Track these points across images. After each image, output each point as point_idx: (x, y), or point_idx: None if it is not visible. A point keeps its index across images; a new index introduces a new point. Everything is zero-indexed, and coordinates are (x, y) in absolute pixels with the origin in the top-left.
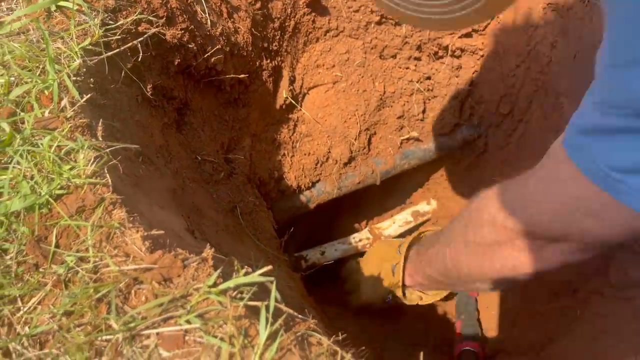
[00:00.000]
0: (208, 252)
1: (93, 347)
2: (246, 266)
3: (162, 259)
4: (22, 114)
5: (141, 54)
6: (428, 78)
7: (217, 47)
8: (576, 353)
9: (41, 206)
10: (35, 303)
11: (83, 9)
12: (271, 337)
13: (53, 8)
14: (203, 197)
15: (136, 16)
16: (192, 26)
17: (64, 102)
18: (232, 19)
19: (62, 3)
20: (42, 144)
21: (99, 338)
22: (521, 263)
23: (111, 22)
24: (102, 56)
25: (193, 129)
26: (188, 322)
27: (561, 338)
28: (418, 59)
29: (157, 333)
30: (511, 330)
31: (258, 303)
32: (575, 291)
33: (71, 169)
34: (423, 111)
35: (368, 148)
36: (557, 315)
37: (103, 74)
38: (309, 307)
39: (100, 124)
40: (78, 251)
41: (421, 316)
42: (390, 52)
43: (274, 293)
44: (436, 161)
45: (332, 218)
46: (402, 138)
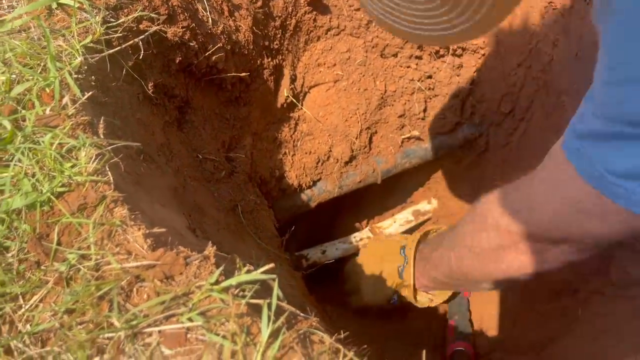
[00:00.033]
0: (210, 250)
1: (95, 345)
2: (248, 264)
3: (164, 257)
4: (24, 112)
5: (142, 52)
6: (429, 77)
7: (218, 46)
8: (577, 352)
9: (43, 204)
10: (36, 301)
11: (84, 7)
12: (273, 335)
13: (54, 5)
14: (204, 196)
15: (137, 14)
16: (194, 24)
17: (66, 100)
18: (233, 17)
19: (64, 1)
20: (44, 142)
21: (101, 336)
22: (525, 265)
23: (112, 20)
24: (104, 54)
25: (194, 128)
26: (190, 320)
27: (562, 338)
28: (419, 58)
29: (159, 331)
30: (512, 329)
31: (260, 301)
32: (575, 291)
33: (73, 167)
34: (424, 110)
35: (369, 147)
36: (558, 314)
37: (104, 72)
38: (311, 306)
39: (101, 122)
40: (80, 249)
41: (421, 316)
42: (391, 51)
43: (276, 290)
44: (437, 160)
45: (333, 217)
46: (403, 137)
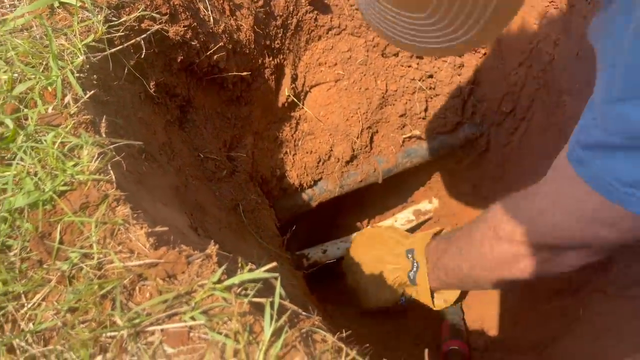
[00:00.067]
0: (212, 249)
1: (97, 344)
2: (250, 263)
3: (167, 256)
4: (26, 110)
5: (144, 51)
6: (430, 76)
7: (220, 45)
8: (578, 352)
9: (45, 202)
10: (39, 299)
11: (86, 6)
12: (276, 334)
13: (56, 4)
14: (206, 195)
15: (139, 13)
16: (195, 23)
17: (68, 99)
18: (235, 17)
19: (65, 0)
20: (46, 141)
21: (104, 334)
22: (539, 271)
23: (114, 19)
24: (106, 53)
25: (196, 127)
26: (193, 319)
27: (563, 337)
28: (420, 57)
29: (162, 329)
30: (513, 329)
31: (262, 300)
32: (577, 290)
33: (75, 166)
34: (425, 109)
35: (370, 146)
36: (559, 314)
37: (106, 71)
38: (312, 305)
39: (103, 121)
40: (82, 247)
41: (421, 315)
42: (392, 51)
43: (279, 289)
44: (438, 160)
45: (334, 216)
46: (404, 136)
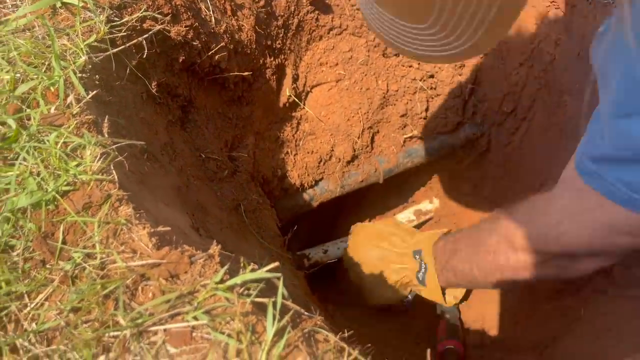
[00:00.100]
0: (215, 249)
1: (100, 344)
2: (252, 263)
3: (169, 256)
4: (28, 111)
5: (146, 51)
6: (431, 76)
7: (221, 45)
8: (579, 352)
9: (48, 202)
10: (42, 299)
11: (88, 6)
12: (278, 334)
13: (58, 5)
14: (207, 195)
15: (141, 13)
16: (197, 23)
17: (70, 99)
18: (236, 17)
19: (68, 0)
20: (49, 141)
21: (107, 334)
22: (555, 275)
23: (116, 19)
24: (108, 53)
25: (197, 127)
26: (195, 319)
27: (563, 337)
28: None
29: (165, 329)
30: (513, 329)
31: (265, 300)
32: (578, 290)
33: (77, 166)
34: (426, 109)
35: (371, 146)
36: (560, 314)
37: (108, 71)
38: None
39: (105, 121)
40: (85, 247)
41: (421, 315)
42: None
43: (281, 289)
44: (439, 160)
45: (335, 216)
46: (405, 136)
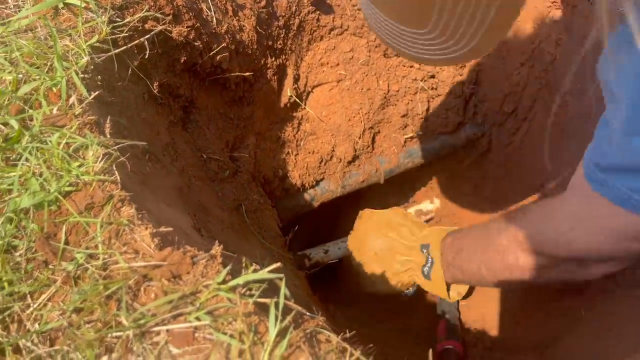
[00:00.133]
0: (217, 250)
1: (103, 344)
2: (254, 263)
3: (171, 256)
4: (31, 111)
5: (148, 52)
6: (432, 76)
7: (223, 45)
8: (580, 352)
9: (50, 203)
10: (45, 300)
11: (90, 7)
12: (281, 334)
13: (60, 5)
14: (208, 195)
15: (143, 14)
16: (198, 24)
17: (72, 100)
18: (237, 17)
19: (70, 0)
20: (51, 141)
21: (109, 335)
22: (566, 280)
23: (118, 20)
24: (110, 53)
25: (198, 127)
26: (198, 319)
27: (565, 337)
28: None
29: (167, 330)
30: (514, 329)
31: (267, 300)
32: (579, 290)
33: (80, 166)
34: (427, 110)
35: (372, 146)
36: (562, 314)
37: (110, 72)
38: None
39: (108, 122)
40: (87, 248)
41: (422, 316)
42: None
43: (284, 290)
44: (439, 160)
45: (336, 217)
46: (406, 136)
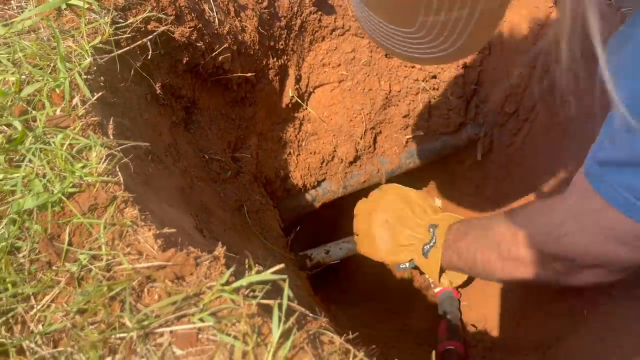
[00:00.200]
0: (220, 251)
1: (107, 345)
2: (258, 264)
3: (175, 257)
4: (34, 112)
5: (150, 53)
6: (434, 77)
7: (225, 46)
8: (582, 352)
9: (54, 204)
10: (48, 301)
11: (93, 8)
12: (284, 336)
13: (63, 6)
14: (211, 196)
15: (145, 14)
16: (200, 24)
17: (76, 101)
18: (239, 18)
19: (73, 2)
20: (54, 142)
21: (113, 336)
22: (554, 281)
23: (121, 21)
24: (113, 54)
25: (200, 128)
26: (201, 320)
27: (567, 337)
28: None
29: (171, 331)
30: (515, 329)
31: (271, 301)
32: (581, 290)
33: (83, 167)
34: (428, 110)
35: (373, 147)
36: (564, 314)
37: (113, 72)
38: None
39: (111, 123)
40: (91, 249)
41: (423, 316)
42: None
43: (287, 291)
44: (441, 160)
45: (337, 217)
46: (408, 137)
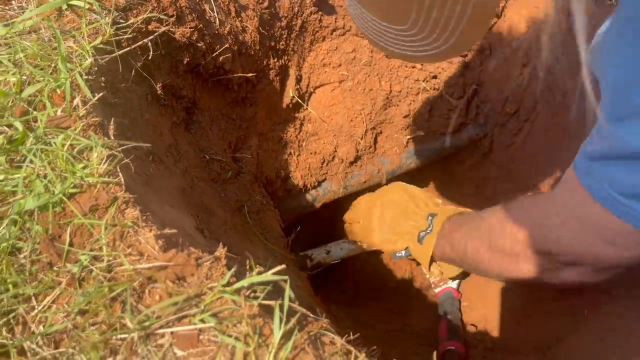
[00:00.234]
0: (221, 251)
1: (108, 346)
2: (259, 265)
3: (176, 258)
4: (35, 113)
5: (151, 53)
6: (434, 77)
7: (225, 46)
8: (583, 352)
9: (55, 205)
10: (49, 302)
11: (94, 8)
12: (285, 336)
13: (64, 7)
14: (211, 196)
15: (146, 15)
16: (201, 25)
17: (76, 101)
18: (240, 18)
19: (74, 2)
20: (55, 143)
21: (114, 337)
22: (540, 277)
23: (122, 21)
24: (114, 55)
25: (201, 128)
26: (202, 321)
27: (568, 337)
28: None
29: (172, 332)
30: (516, 329)
31: (272, 302)
32: (581, 291)
33: (84, 168)
34: (429, 110)
35: (374, 147)
36: (564, 314)
37: (114, 73)
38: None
39: (111, 123)
40: (92, 250)
41: (425, 316)
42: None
43: (288, 292)
44: (441, 160)
45: (338, 217)
46: (408, 137)
